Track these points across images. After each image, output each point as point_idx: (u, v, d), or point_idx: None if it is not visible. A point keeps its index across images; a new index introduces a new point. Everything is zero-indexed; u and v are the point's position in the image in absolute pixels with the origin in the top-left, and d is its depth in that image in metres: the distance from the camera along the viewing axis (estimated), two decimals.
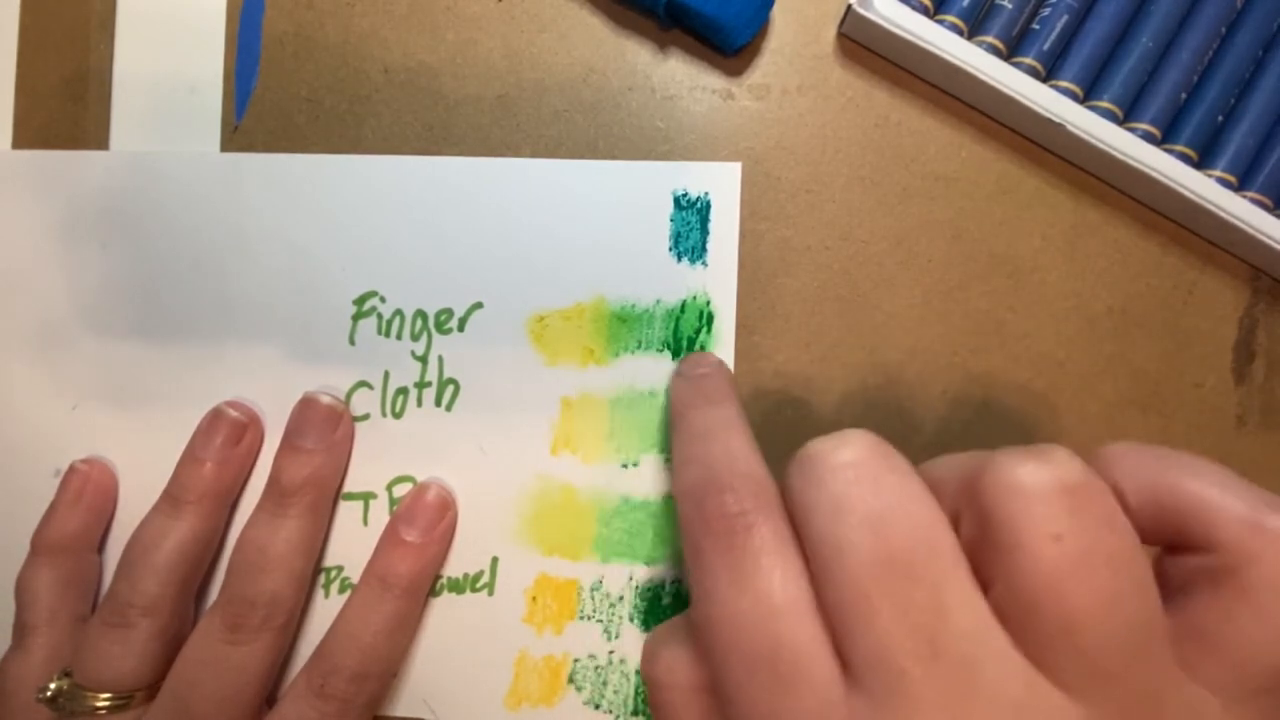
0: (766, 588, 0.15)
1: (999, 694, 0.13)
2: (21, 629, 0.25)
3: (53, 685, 0.24)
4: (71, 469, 0.27)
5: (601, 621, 0.26)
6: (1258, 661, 0.14)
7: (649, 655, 0.18)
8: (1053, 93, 0.25)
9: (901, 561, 0.14)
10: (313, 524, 0.25)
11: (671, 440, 0.19)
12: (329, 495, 0.26)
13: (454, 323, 0.27)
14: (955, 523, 0.15)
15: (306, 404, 0.26)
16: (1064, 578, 0.13)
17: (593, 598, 0.26)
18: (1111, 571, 0.13)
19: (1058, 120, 0.25)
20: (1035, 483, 0.13)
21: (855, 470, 0.15)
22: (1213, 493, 0.14)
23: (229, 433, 0.26)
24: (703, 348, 0.27)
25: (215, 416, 0.26)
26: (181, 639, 0.24)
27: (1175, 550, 0.15)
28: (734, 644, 0.15)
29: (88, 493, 0.27)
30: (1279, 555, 0.14)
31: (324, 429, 0.26)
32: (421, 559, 0.25)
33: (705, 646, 0.16)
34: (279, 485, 0.25)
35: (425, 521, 0.26)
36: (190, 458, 0.26)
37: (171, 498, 0.25)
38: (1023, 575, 0.13)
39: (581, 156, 0.27)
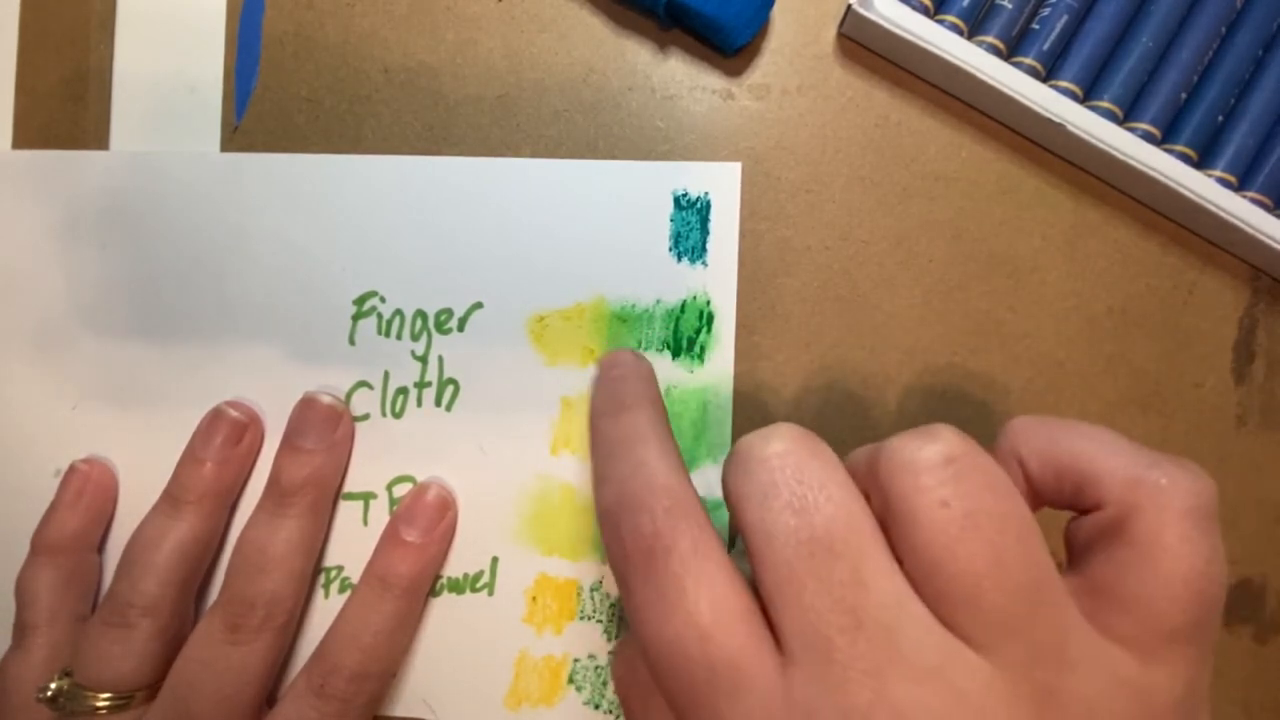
0: (693, 609, 0.15)
1: (918, 657, 0.14)
2: (21, 629, 0.25)
3: (53, 685, 0.24)
4: (72, 469, 0.27)
5: (601, 622, 0.26)
6: (1155, 609, 0.14)
7: (615, 654, 0.18)
8: (1053, 93, 0.25)
9: (823, 540, 0.15)
10: (313, 524, 0.25)
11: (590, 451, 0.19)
12: (329, 495, 0.26)
13: (454, 323, 0.27)
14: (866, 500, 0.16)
15: (306, 404, 0.26)
16: (954, 540, 0.14)
17: (593, 598, 0.26)
18: (997, 529, 0.14)
19: (1058, 120, 0.25)
20: (922, 457, 0.15)
21: (781, 459, 0.16)
22: (1099, 453, 0.16)
23: (229, 433, 0.26)
24: (703, 348, 0.27)
25: (215, 416, 0.26)
26: (182, 639, 0.24)
27: (1077, 512, 0.16)
28: (671, 666, 0.15)
29: (88, 493, 0.27)
30: (1158, 506, 0.15)
31: (324, 429, 0.26)
32: (421, 559, 0.25)
33: (648, 662, 0.16)
34: (279, 485, 0.25)
35: (425, 521, 0.26)
36: (190, 458, 0.26)
37: (171, 498, 0.25)
38: (921, 542, 0.14)
39: (581, 156, 0.27)
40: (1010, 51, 0.26)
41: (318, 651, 0.24)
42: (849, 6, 0.26)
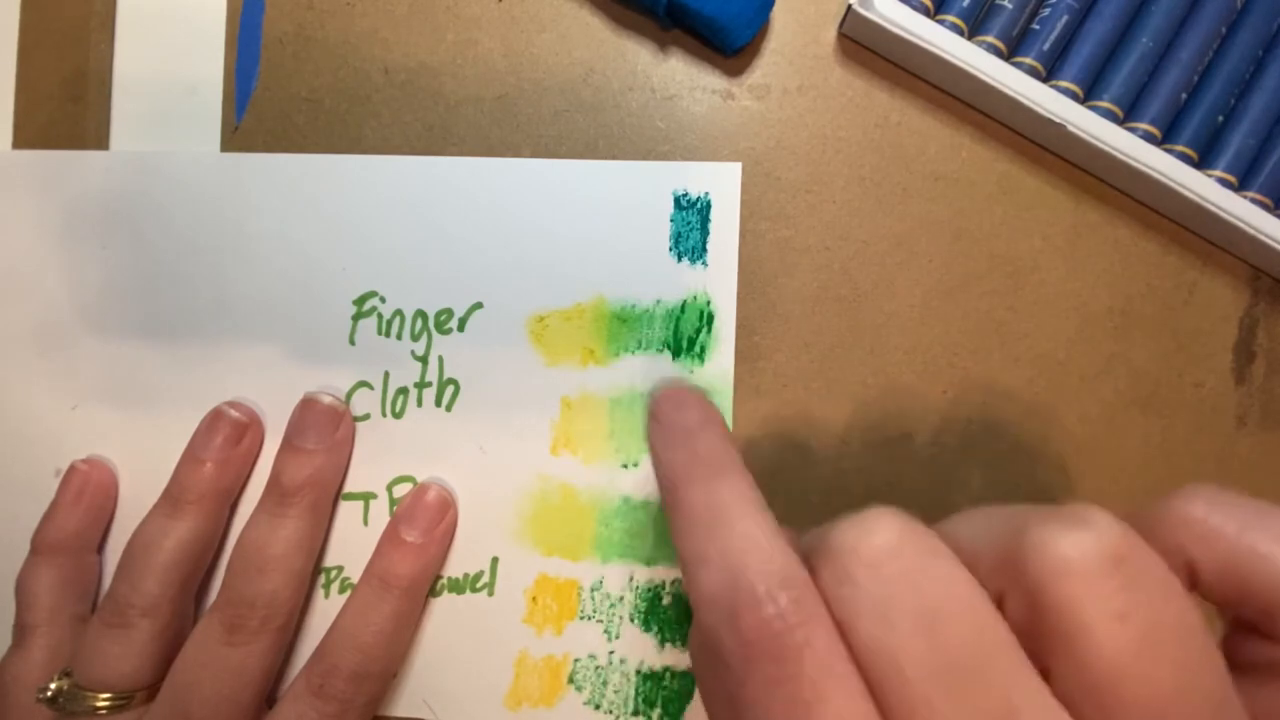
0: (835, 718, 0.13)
1: None
2: (21, 629, 0.25)
3: (53, 685, 0.24)
4: (72, 469, 0.27)
5: (602, 622, 0.26)
6: None
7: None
8: (1053, 93, 0.25)
9: (962, 664, 0.12)
10: (313, 524, 0.25)
11: (669, 522, 0.16)
12: (329, 495, 0.26)
13: (454, 323, 0.27)
14: (998, 602, 0.13)
15: (307, 404, 0.26)
16: (1136, 660, 0.12)
17: (593, 598, 0.26)
18: (1181, 645, 0.12)
19: (1058, 120, 0.25)
20: (1084, 558, 0.12)
21: (893, 565, 0.13)
22: None
23: (229, 433, 0.26)
24: (703, 348, 0.27)
25: (216, 417, 0.26)
26: (182, 639, 0.24)
27: (1247, 627, 0.14)
28: None
29: (88, 492, 0.27)
30: None
31: (324, 429, 0.26)
32: (421, 559, 0.25)
33: None
34: (279, 485, 0.25)
35: (425, 522, 0.26)
36: (190, 458, 0.26)
37: (171, 498, 0.25)
38: (1092, 663, 0.12)
39: (581, 156, 0.27)
40: (1010, 51, 0.26)
41: (317, 652, 0.24)
42: (849, 6, 0.26)
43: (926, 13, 0.26)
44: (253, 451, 0.27)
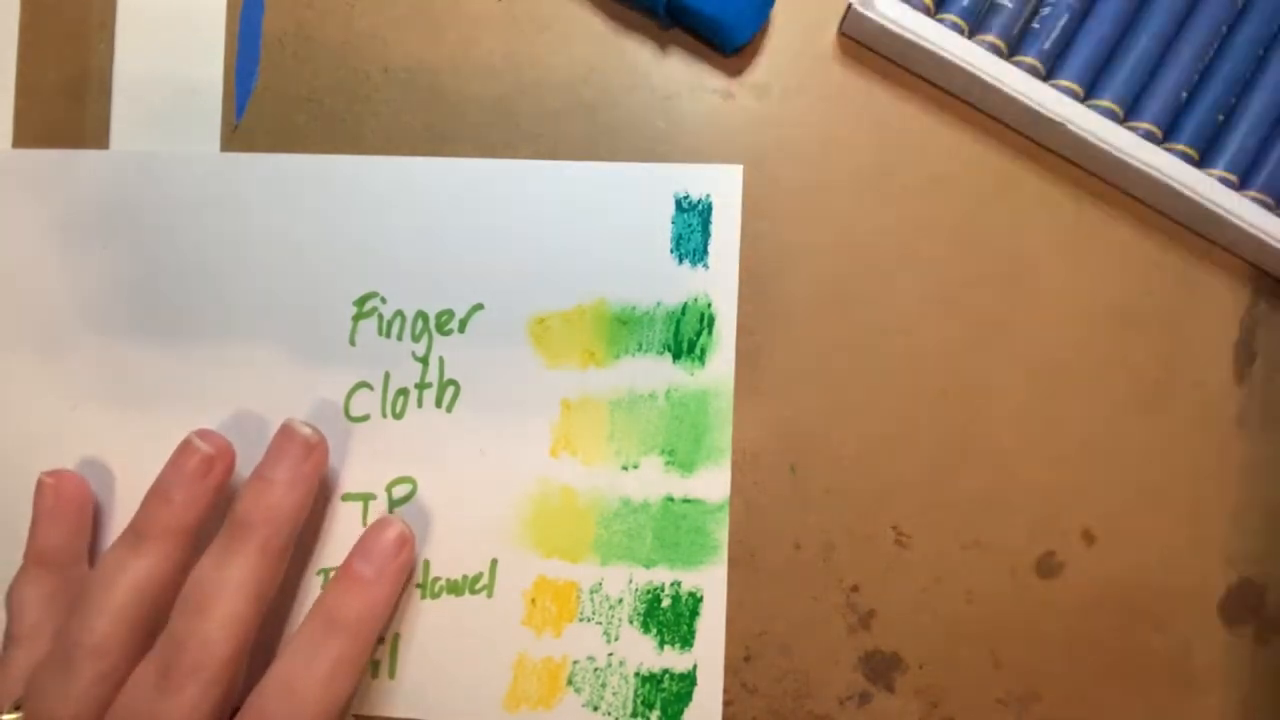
0: None
1: None
2: (7, 640, 0.25)
3: (6, 717, 0.23)
4: (39, 484, 0.26)
5: (601, 624, 0.26)
6: None
7: None
8: (1053, 92, 0.25)
9: None
10: (261, 567, 0.23)
11: None
12: (283, 536, 0.24)
13: (455, 324, 0.27)
14: None
15: (283, 433, 0.25)
16: None
17: (592, 600, 0.26)
18: None
19: (1058, 120, 0.25)
20: None
21: None
22: None
23: (196, 466, 0.24)
24: (703, 350, 0.27)
25: (183, 449, 0.25)
26: None
27: None
28: None
29: (60, 506, 0.26)
30: None
31: (294, 462, 0.24)
32: (371, 596, 0.24)
33: None
34: (233, 517, 0.23)
35: (381, 557, 0.24)
36: (156, 492, 0.24)
37: (135, 531, 0.24)
38: None
39: (581, 157, 0.27)
40: (1011, 51, 0.26)
41: (250, 696, 0.22)
42: (849, 6, 0.26)
43: (927, 12, 0.26)
44: (221, 485, 0.25)
